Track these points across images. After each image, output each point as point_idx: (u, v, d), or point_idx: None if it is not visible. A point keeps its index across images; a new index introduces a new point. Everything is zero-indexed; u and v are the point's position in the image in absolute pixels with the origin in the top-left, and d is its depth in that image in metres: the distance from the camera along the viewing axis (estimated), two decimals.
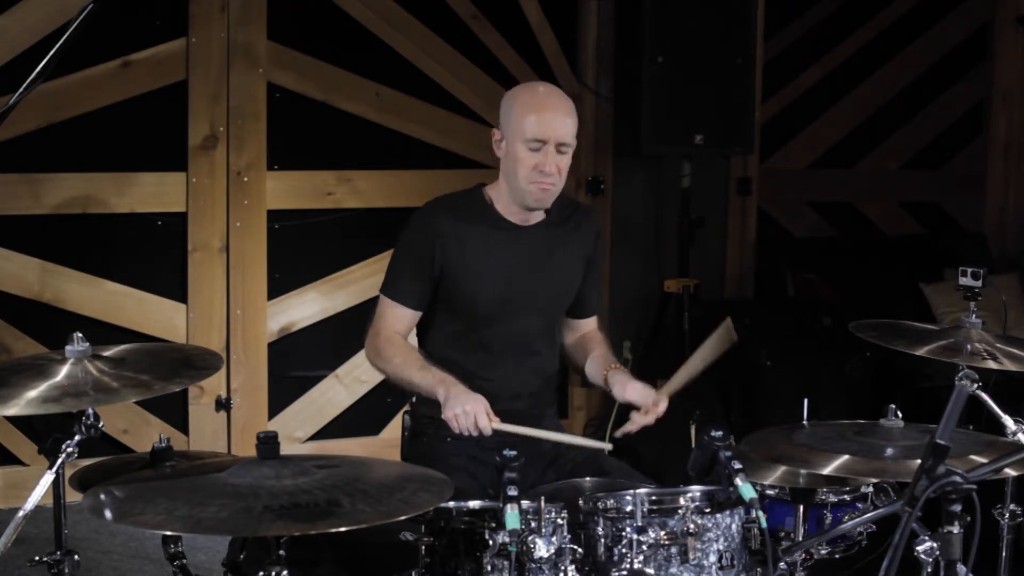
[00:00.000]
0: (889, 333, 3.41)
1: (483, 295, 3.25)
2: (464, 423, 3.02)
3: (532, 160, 3.17)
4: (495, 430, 3.02)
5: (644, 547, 2.62)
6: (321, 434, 5.48)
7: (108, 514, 2.41)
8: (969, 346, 3.26)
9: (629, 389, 3.20)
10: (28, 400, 2.65)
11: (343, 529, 2.31)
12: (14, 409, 2.64)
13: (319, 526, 2.30)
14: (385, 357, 3.25)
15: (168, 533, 2.82)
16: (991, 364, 3.20)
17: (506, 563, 2.57)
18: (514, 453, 2.63)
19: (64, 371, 2.75)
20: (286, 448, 2.58)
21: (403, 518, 2.42)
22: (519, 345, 3.31)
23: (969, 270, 3.44)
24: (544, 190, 3.20)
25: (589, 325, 3.52)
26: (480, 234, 3.26)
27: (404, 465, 3.05)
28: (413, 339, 3.39)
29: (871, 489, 3.10)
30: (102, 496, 2.47)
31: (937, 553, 2.48)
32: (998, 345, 3.29)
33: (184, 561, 2.90)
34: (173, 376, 2.84)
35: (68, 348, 2.81)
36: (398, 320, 3.29)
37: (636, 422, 3.17)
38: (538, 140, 3.15)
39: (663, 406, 3.16)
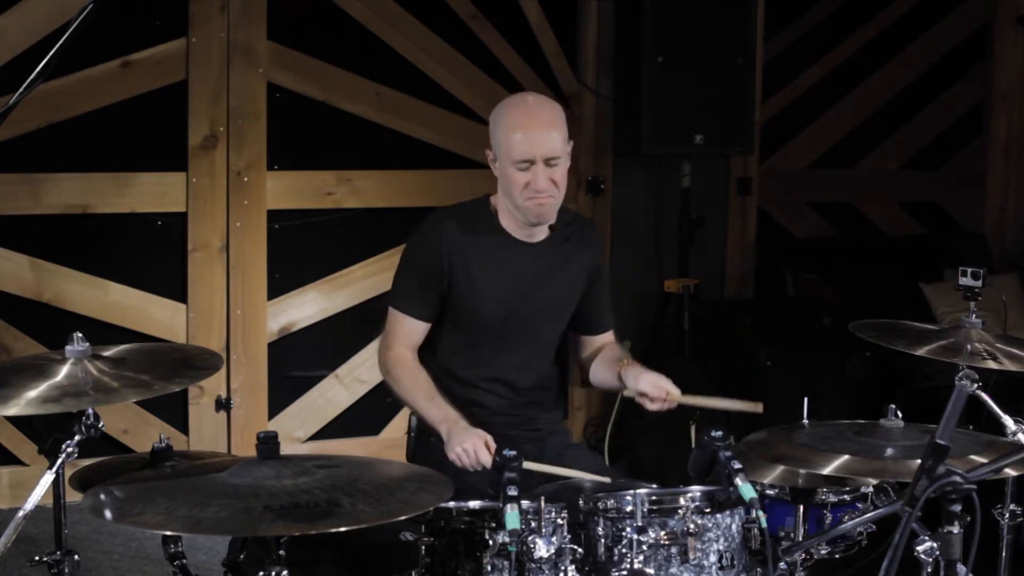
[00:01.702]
0: (889, 333, 3.41)
1: (487, 310, 3.25)
2: (466, 461, 3.01)
3: (523, 179, 3.14)
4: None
5: (644, 547, 2.62)
6: (321, 434, 5.48)
7: (108, 514, 2.41)
8: (969, 346, 3.26)
9: (642, 380, 3.16)
10: (28, 400, 2.65)
11: (343, 529, 2.31)
12: (14, 409, 2.64)
13: (319, 526, 2.30)
14: (394, 377, 3.26)
15: (168, 533, 2.82)
16: (991, 364, 3.20)
17: (506, 563, 2.58)
18: (514, 453, 2.63)
19: (64, 371, 2.75)
20: (286, 448, 2.58)
21: (403, 518, 2.42)
22: (522, 358, 3.31)
23: (969, 270, 3.43)
24: (541, 204, 3.17)
25: (606, 339, 3.49)
26: (486, 248, 3.25)
27: (404, 465, 3.05)
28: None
29: (871, 489, 3.10)
30: (102, 496, 2.47)
31: (937, 553, 2.48)
32: (998, 345, 3.28)
33: (184, 561, 2.90)
34: (173, 376, 2.84)
35: (68, 348, 2.80)
36: (408, 333, 3.27)
37: (647, 405, 3.16)
38: (525, 160, 3.13)
39: (675, 401, 3.13)
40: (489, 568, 2.61)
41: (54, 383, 2.70)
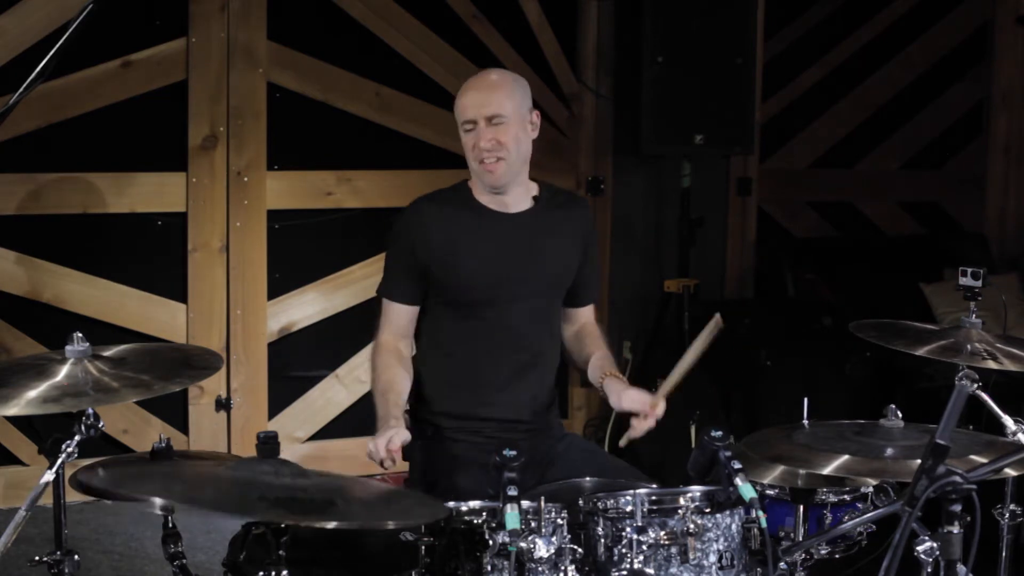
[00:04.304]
0: (889, 333, 3.41)
1: (471, 282, 3.25)
2: (374, 458, 3.04)
3: (471, 141, 3.23)
4: None
5: (644, 547, 2.62)
6: (321, 434, 5.48)
7: (100, 482, 2.40)
8: (969, 346, 3.25)
9: (624, 399, 3.18)
10: (28, 400, 2.65)
11: (343, 528, 2.31)
12: (14, 409, 2.64)
13: (313, 519, 2.29)
14: (372, 364, 3.33)
15: (168, 532, 2.82)
16: (991, 364, 3.20)
17: (506, 563, 2.57)
18: (514, 453, 2.63)
19: (64, 371, 2.75)
20: (286, 448, 2.57)
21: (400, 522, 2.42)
22: (516, 334, 3.29)
23: (969, 270, 3.44)
24: (489, 169, 3.22)
25: (586, 315, 3.50)
26: (464, 223, 3.28)
27: (398, 490, 3.03)
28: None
29: (871, 489, 3.10)
30: (99, 471, 2.48)
31: (937, 553, 2.48)
32: (998, 345, 3.28)
33: (184, 561, 2.89)
34: (173, 376, 2.84)
35: (68, 348, 2.80)
36: (394, 318, 3.32)
37: (637, 428, 3.16)
38: (468, 122, 3.22)
39: (661, 408, 3.14)
40: (489, 568, 2.61)
41: (54, 383, 2.70)
